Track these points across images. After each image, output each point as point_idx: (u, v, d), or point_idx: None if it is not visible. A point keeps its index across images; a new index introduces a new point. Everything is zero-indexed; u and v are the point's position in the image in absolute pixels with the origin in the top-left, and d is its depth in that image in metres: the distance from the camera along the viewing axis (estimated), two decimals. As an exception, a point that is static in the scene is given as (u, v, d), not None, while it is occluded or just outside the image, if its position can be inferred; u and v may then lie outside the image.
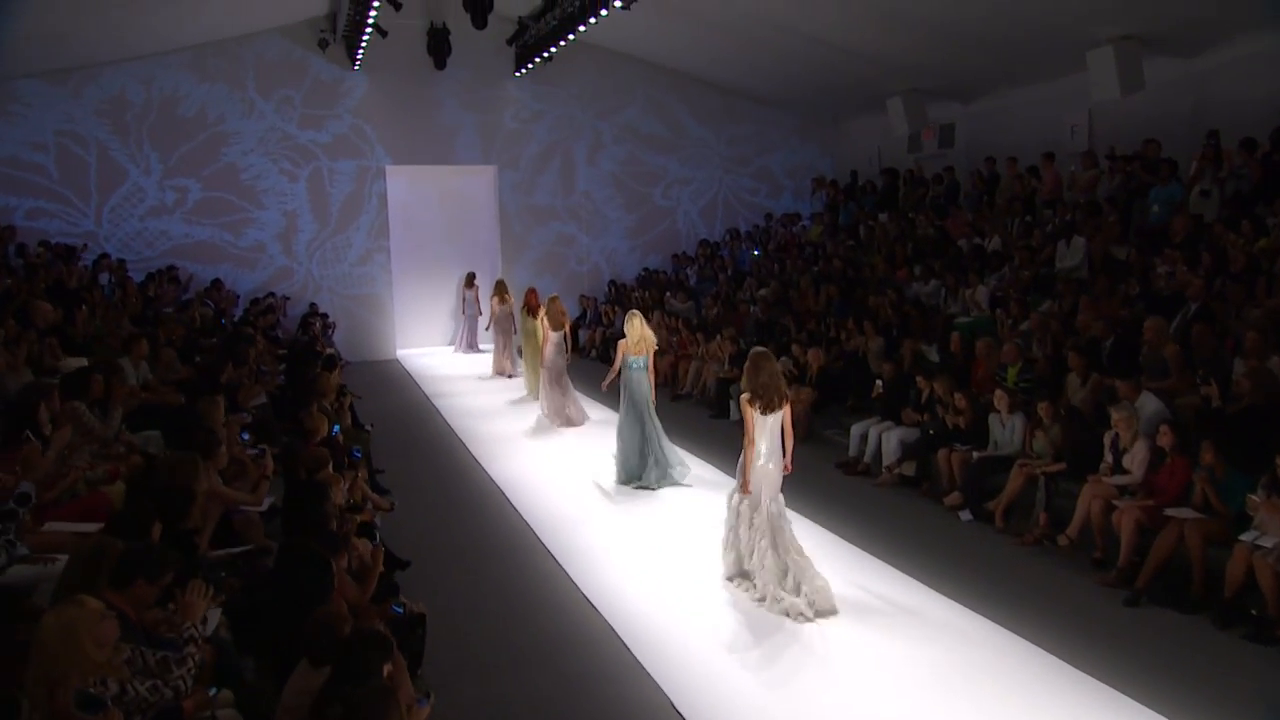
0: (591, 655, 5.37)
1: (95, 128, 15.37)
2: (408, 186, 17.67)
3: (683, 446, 9.81)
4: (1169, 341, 7.54)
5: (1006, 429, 7.79)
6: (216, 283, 15.36)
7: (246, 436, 7.02)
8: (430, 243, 18.06)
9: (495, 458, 10.01)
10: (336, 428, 7.53)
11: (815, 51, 14.24)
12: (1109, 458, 6.71)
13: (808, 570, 5.86)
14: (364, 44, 14.85)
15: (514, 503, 8.40)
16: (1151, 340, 7.61)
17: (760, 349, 6.34)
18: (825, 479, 9.19)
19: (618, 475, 8.83)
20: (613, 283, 18.01)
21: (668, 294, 15.98)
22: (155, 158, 15.66)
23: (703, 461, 9.65)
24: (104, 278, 13.05)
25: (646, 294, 16.65)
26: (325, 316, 16.05)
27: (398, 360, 17.10)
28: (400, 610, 4.47)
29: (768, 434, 5.99)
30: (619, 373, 9.02)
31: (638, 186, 18.35)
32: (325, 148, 16.52)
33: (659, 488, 8.67)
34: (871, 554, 6.99)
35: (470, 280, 17.48)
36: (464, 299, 17.69)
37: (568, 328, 11.84)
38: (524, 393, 13.26)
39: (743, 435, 6.05)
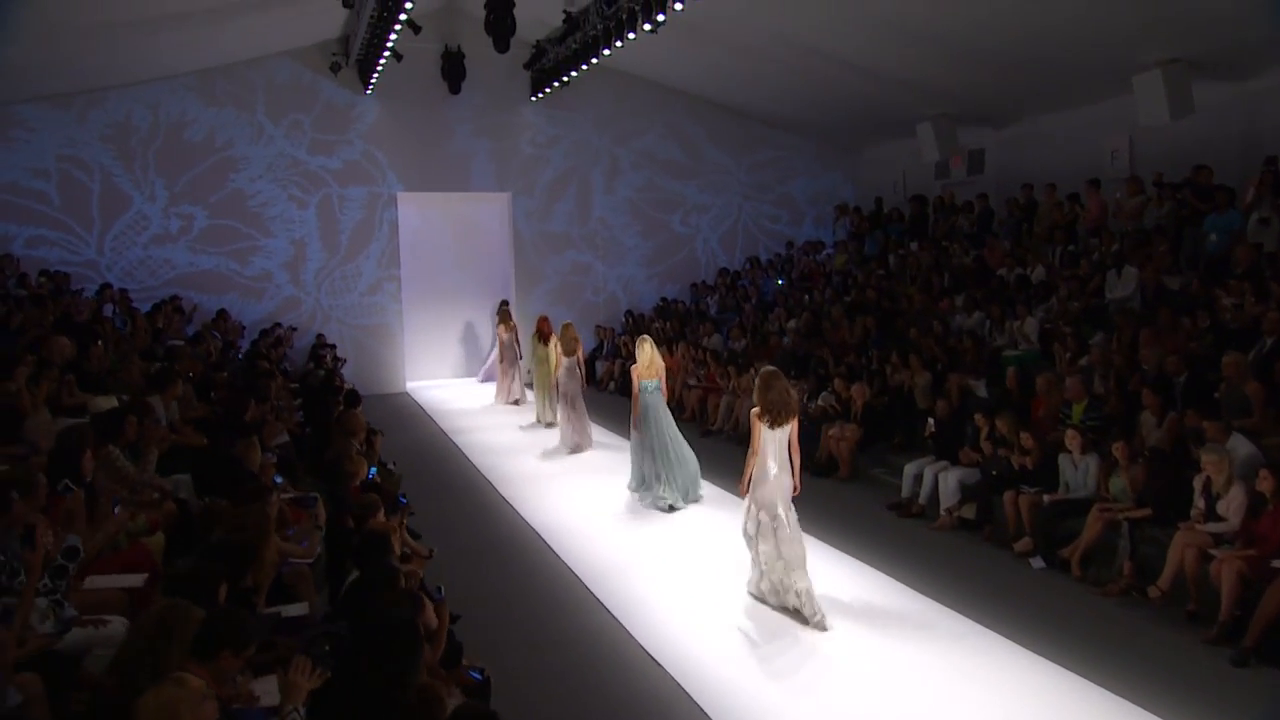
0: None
1: (99, 153, 15.24)
2: (418, 213, 17.59)
3: (718, 485, 9.65)
4: (1250, 378, 7.35)
5: (1079, 470, 7.57)
6: (222, 313, 15.15)
7: (280, 480, 6.73)
8: (441, 272, 17.94)
9: (526, 498, 9.79)
10: (373, 470, 7.27)
11: (843, 76, 14.19)
12: (1200, 503, 6.48)
13: (803, 585, 6.37)
14: (380, 68, 14.76)
15: (555, 548, 8.14)
16: (1231, 377, 7.41)
17: (770, 368, 6.83)
18: (877, 521, 8.96)
19: (630, 483, 9.64)
20: (629, 313, 17.90)
21: (697, 326, 15.78)
22: (160, 184, 15.52)
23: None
24: (108, 309, 12.77)
25: (667, 325, 16.47)
26: (333, 348, 15.80)
27: (408, 393, 16.88)
28: (480, 676, 4.19)
29: (776, 447, 6.48)
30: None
31: (655, 213, 18.28)
32: (336, 174, 16.42)
33: (680, 506, 9.17)
34: (937, 600, 6.76)
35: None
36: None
37: (580, 354, 12.16)
38: (533, 420, 13.68)
39: (748, 448, 6.62)
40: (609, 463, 11.01)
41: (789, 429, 6.48)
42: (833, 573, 7.30)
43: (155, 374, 7.78)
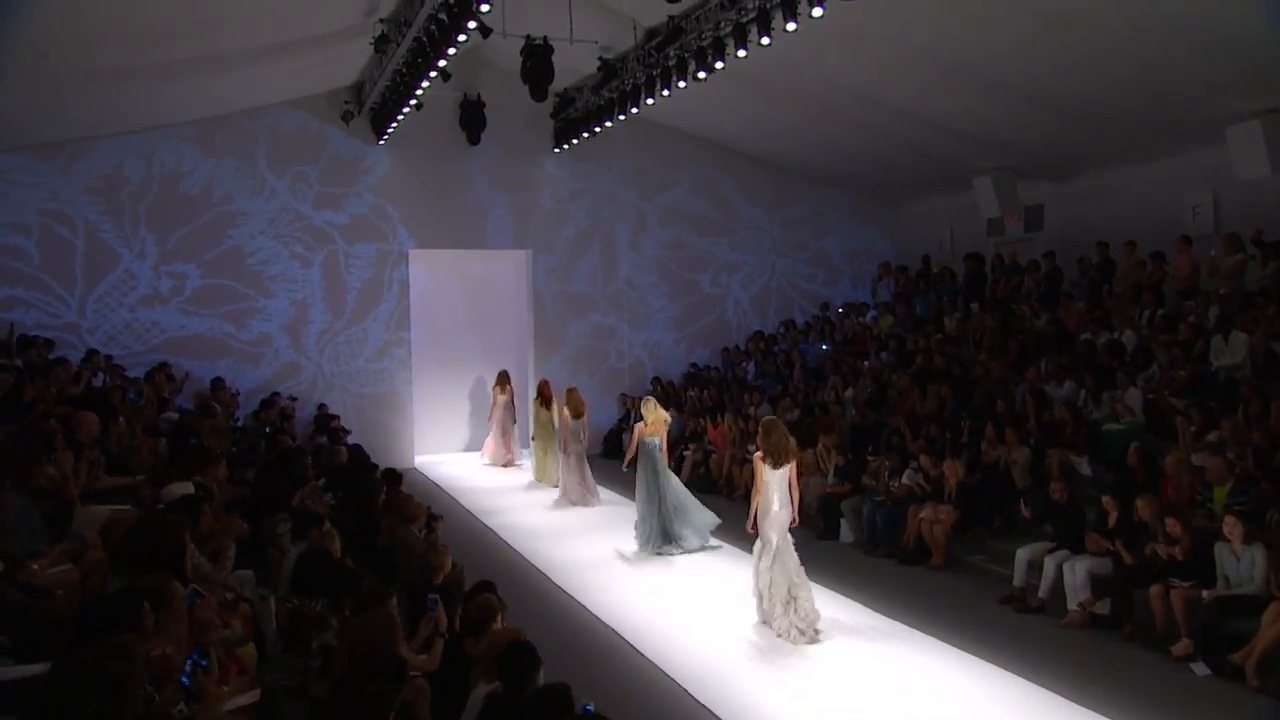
0: None
1: (85, 207, 14.80)
2: (427, 273, 17.28)
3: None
4: None
5: (1243, 562, 7.14)
6: (219, 383, 14.67)
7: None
8: (452, 335, 17.60)
9: (589, 588, 9.34)
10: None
11: (895, 126, 14.11)
12: None
13: (804, 592, 7.79)
14: (400, 118, 14.50)
15: (644, 652, 7.59)
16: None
17: (770, 417, 8.82)
18: (991, 616, 8.50)
19: (638, 539, 10.73)
20: (657, 380, 17.57)
21: (738, 394, 15.43)
22: (151, 240, 15.10)
23: (843, 599, 8.90)
24: (99, 379, 12.20)
25: (703, 394, 16.08)
26: (335, 419, 15.26)
27: (417, 469, 16.30)
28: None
29: (778, 484, 8.02)
30: (636, 451, 11.08)
31: (684, 272, 18.09)
32: (343, 229, 16.12)
33: (682, 553, 10.43)
34: (1084, 706, 6.35)
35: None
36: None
37: (586, 416, 13.61)
38: (532, 479, 14.94)
39: (754, 488, 8.23)
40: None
41: (789, 469, 8.05)
42: (952, 673, 7.05)
43: (193, 453, 7.43)
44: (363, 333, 16.27)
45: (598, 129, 15.15)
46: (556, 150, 16.85)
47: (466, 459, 17.10)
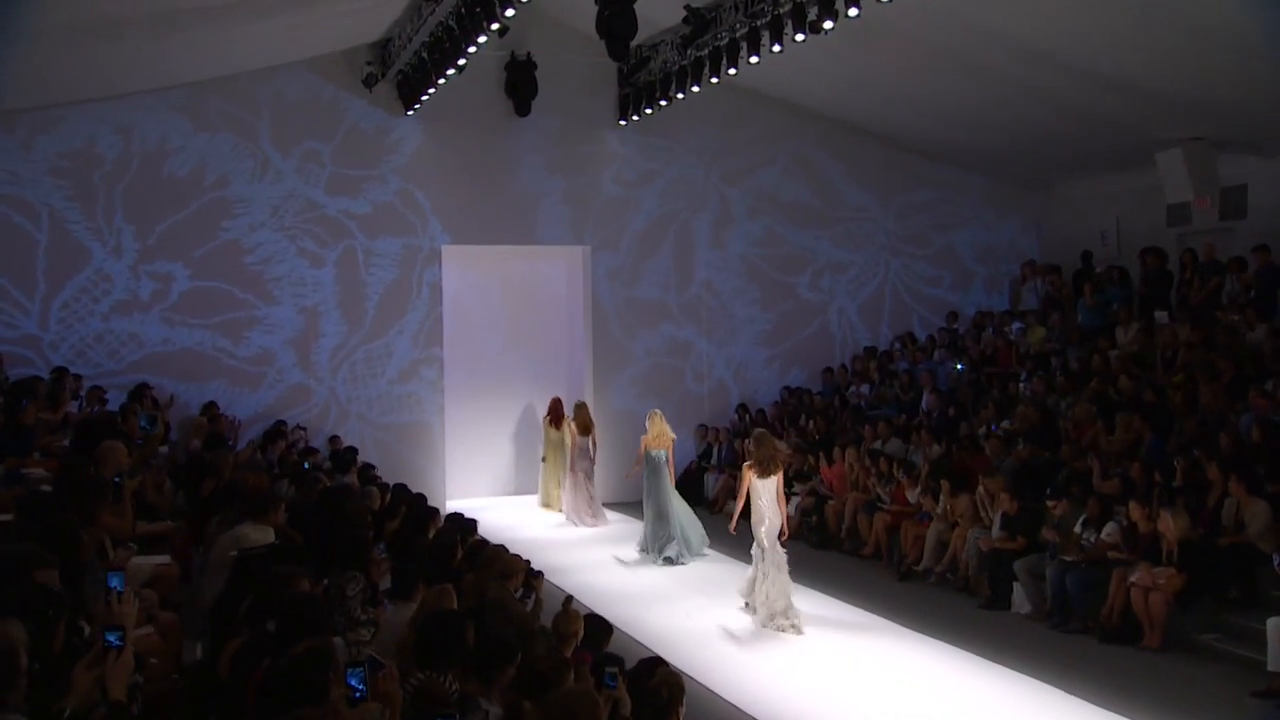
0: None
1: (49, 192, 14.79)
2: (460, 275, 17.24)
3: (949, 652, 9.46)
4: None
5: None
6: (211, 408, 14.63)
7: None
8: (492, 353, 17.60)
9: (713, 666, 9.20)
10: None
11: (1060, 86, 13.81)
12: None
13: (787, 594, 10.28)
14: (440, 84, 14.33)
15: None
16: None
17: (760, 429, 12.09)
18: (1244, 713, 8.04)
19: (641, 544, 13.41)
20: (743, 407, 17.38)
21: (853, 425, 15.20)
22: (130, 233, 15.08)
23: (1030, 680, 8.64)
24: (75, 406, 12.11)
25: (810, 424, 15.78)
26: (353, 452, 14.88)
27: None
28: None
29: (766, 493, 10.42)
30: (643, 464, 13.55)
31: (778, 274, 17.92)
32: (362, 221, 16.04)
33: (684, 562, 12.88)
34: None
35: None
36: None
37: (595, 433, 15.42)
38: (549, 508, 16.35)
39: (735, 498, 11.20)
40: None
41: (777, 479, 10.52)
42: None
43: (251, 495, 7.37)
44: (385, 349, 16.15)
45: (679, 95, 14.89)
46: (623, 123, 16.73)
47: (510, 504, 16.91)
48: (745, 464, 10.80)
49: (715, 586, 11.72)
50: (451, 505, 16.22)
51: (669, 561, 12.84)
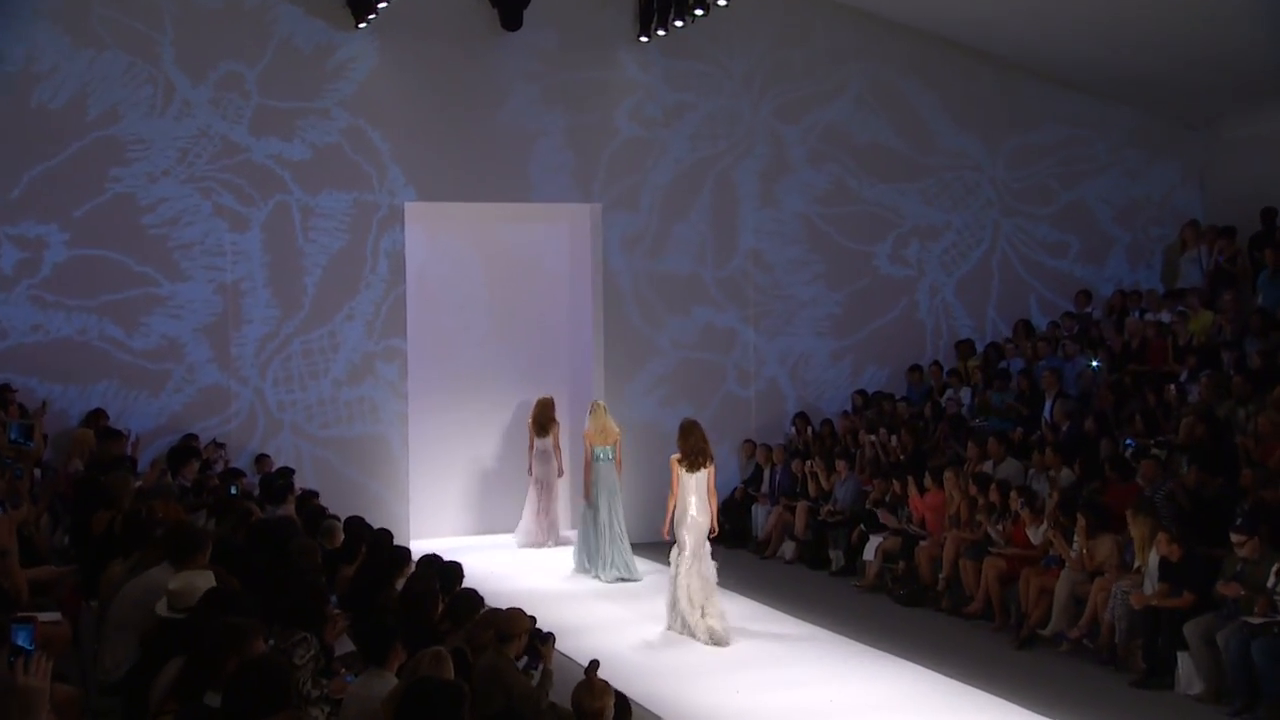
0: None
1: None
2: (428, 242, 17.18)
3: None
4: None
5: None
6: (98, 416, 14.40)
7: None
8: (470, 343, 17.41)
9: None
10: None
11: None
12: None
13: (714, 600, 11.65)
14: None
15: None
16: None
17: (688, 418, 12.54)
18: None
19: (576, 561, 14.74)
20: (802, 416, 17.16)
21: (950, 441, 14.90)
22: (-13, 187, 14.90)
23: None
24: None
25: (894, 440, 15.21)
26: (289, 474, 14.19)
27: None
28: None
29: (694, 489, 11.68)
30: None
31: (848, 242, 17.79)
32: (299, 169, 15.85)
33: (608, 581, 14.05)
34: None
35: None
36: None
37: (556, 434, 16.48)
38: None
39: (671, 494, 11.98)
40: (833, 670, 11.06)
41: (707, 473, 11.67)
42: None
43: (174, 538, 7.72)
44: (330, 339, 16.03)
45: (718, 1, 14.71)
46: (644, 39, 16.57)
47: (495, 544, 16.56)
48: (674, 457, 11.94)
49: (769, 657, 11.37)
50: (418, 546, 15.64)
51: (611, 579, 14.08)
